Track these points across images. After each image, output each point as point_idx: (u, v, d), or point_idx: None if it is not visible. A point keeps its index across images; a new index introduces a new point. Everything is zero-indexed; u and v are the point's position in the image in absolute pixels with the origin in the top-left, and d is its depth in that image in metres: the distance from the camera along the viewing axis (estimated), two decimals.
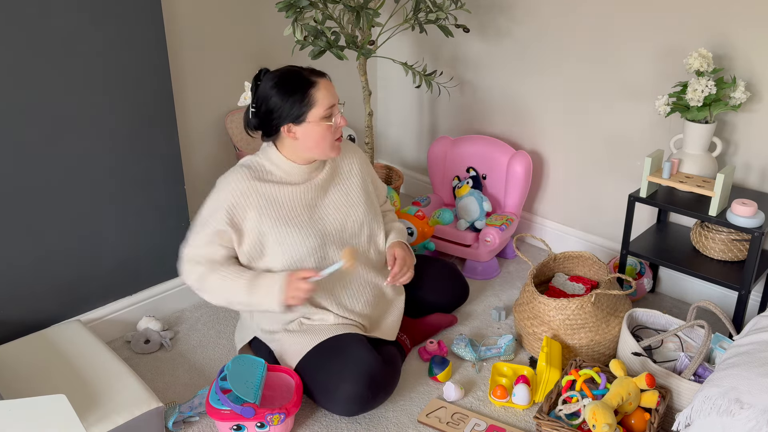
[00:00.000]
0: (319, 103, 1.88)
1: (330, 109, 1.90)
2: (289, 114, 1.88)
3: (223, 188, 1.95)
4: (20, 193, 2.01)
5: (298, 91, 1.87)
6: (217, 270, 1.94)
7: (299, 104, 1.87)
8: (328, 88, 1.90)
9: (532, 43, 2.78)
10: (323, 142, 1.92)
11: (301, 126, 1.89)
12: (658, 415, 1.83)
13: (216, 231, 1.93)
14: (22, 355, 1.97)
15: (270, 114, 1.91)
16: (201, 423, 1.99)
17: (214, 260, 1.95)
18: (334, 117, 1.92)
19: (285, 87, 1.88)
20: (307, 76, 1.89)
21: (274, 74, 1.91)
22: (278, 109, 1.88)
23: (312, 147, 1.93)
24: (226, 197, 1.93)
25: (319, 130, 1.90)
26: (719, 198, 2.12)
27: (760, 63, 2.20)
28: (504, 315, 2.48)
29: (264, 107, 1.91)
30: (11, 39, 1.87)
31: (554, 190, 2.91)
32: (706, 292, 2.55)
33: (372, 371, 1.89)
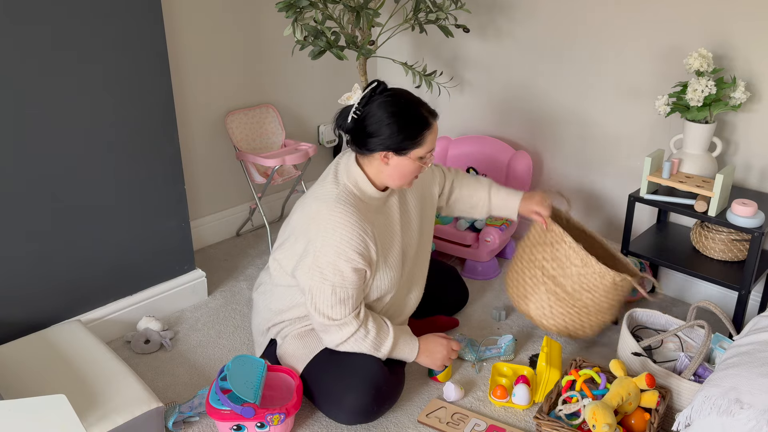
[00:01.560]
0: (425, 145, 1.85)
1: (430, 151, 1.89)
2: (394, 145, 1.84)
3: (342, 234, 1.82)
4: (20, 193, 2.01)
5: (413, 128, 1.83)
6: (367, 325, 1.90)
7: (409, 140, 1.83)
8: (435, 132, 1.88)
9: (532, 43, 2.78)
10: (407, 177, 1.91)
11: (399, 157, 1.86)
12: (658, 415, 1.83)
13: (355, 271, 1.85)
14: (22, 355, 1.97)
15: (374, 134, 1.84)
16: (201, 423, 1.99)
17: (360, 302, 1.92)
18: (428, 158, 1.90)
19: (402, 119, 1.82)
20: (425, 114, 1.85)
21: (393, 99, 1.83)
22: (387, 136, 1.83)
23: (395, 177, 1.90)
24: (351, 240, 1.82)
25: (412, 167, 1.88)
26: (719, 198, 2.12)
27: (760, 63, 2.20)
28: (504, 315, 2.48)
29: (370, 125, 1.83)
30: (11, 39, 1.87)
31: (554, 189, 2.91)
32: (706, 292, 2.55)
33: (378, 383, 1.88)
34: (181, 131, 2.79)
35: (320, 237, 1.83)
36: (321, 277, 1.84)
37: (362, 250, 1.84)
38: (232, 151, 3.00)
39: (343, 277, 1.83)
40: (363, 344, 1.90)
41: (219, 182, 3.01)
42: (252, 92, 2.99)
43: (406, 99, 1.86)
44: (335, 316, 1.86)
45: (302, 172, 3.02)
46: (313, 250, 1.84)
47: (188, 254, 2.51)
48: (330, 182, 1.90)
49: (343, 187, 1.88)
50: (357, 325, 1.88)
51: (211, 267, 2.86)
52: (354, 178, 1.90)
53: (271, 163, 2.71)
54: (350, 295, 1.86)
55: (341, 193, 1.87)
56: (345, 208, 1.83)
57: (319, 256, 1.83)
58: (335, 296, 1.85)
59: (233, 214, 3.12)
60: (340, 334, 1.88)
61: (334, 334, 1.89)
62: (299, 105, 3.20)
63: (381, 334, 1.92)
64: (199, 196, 2.96)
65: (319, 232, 1.83)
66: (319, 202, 1.86)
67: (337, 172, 1.93)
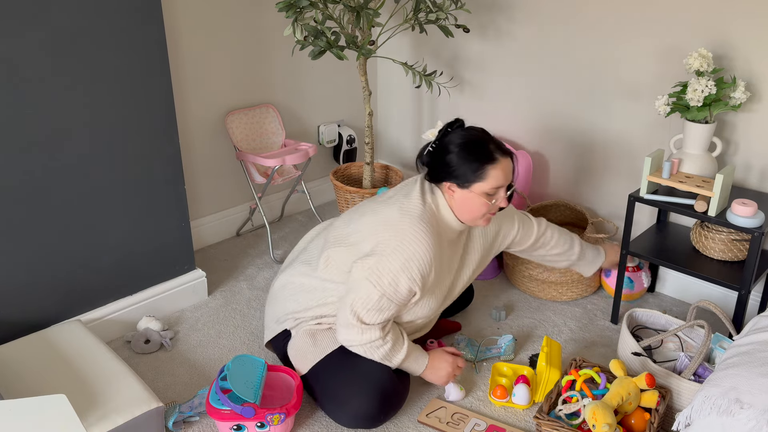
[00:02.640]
0: (488, 180, 1.86)
1: (496, 189, 1.88)
2: (457, 175, 1.87)
3: (415, 251, 1.84)
4: (20, 193, 2.01)
5: (477, 160, 1.85)
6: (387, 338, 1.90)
7: (471, 172, 1.86)
8: (504, 170, 1.88)
9: (532, 43, 2.78)
10: (474, 213, 1.91)
11: (462, 190, 1.89)
12: (658, 415, 1.83)
13: (409, 291, 1.87)
14: (22, 355, 1.97)
15: (440, 165, 1.90)
16: (201, 423, 1.99)
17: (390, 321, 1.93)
18: (495, 196, 1.90)
19: (467, 150, 1.87)
20: (492, 150, 1.87)
21: (465, 133, 1.90)
22: (451, 165, 1.87)
23: (463, 212, 1.92)
24: (421, 260, 1.84)
25: (477, 202, 1.89)
26: (719, 198, 2.12)
27: (760, 63, 2.20)
28: (504, 315, 2.48)
29: (441, 155, 1.90)
30: (11, 39, 1.87)
31: (554, 189, 2.91)
32: (706, 292, 2.55)
33: (386, 390, 1.88)
34: (181, 131, 2.79)
35: (393, 245, 1.83)
36: (376, 280, 1.83)
37: (426, 273, 1.85)
38: (232, 151, 3.00)
39: (396, 291, 1.84)
40: (376, 352, 1.90)
41: (219, 182, 3.02)
42: (252, 92, 2.99)
43: (477, 134, 1.90)
44: (366, 320, 1.86)
45: (302, 172, 3.02)
46: (380, 253, 1.84)
47: (188, 254, 2.51)
48: (417, 198, 1.91)
49: (429, 207, 1.91)
50: (380, 335, 1.87)
51: (211, 267, 2.86)
52: (437, 203, 1.93)
53: (271, 163, 2.71)
54: (391, 308, 1.86)
55: (426, 212, 1.89)
56: (427, 228, 1.86)
57: (385, 261, 1.83)
58: (379, 303, 1.84)
59: (233, 214, 3.12)
60: (360, 337, 1.87)
61: (354, 334, 1.88)
62: (299, 105, 3.20)
63: (396, 347, 1.92)
64: (199, 196, 2.96)
65: (393, 240, 1.84)
66: (403, 212, 1.88)
67: (423, 191, 1.94)
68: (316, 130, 3.33)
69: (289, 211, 3.36)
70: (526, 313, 2.54)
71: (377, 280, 1.83)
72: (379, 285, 1.83)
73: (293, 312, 2.05)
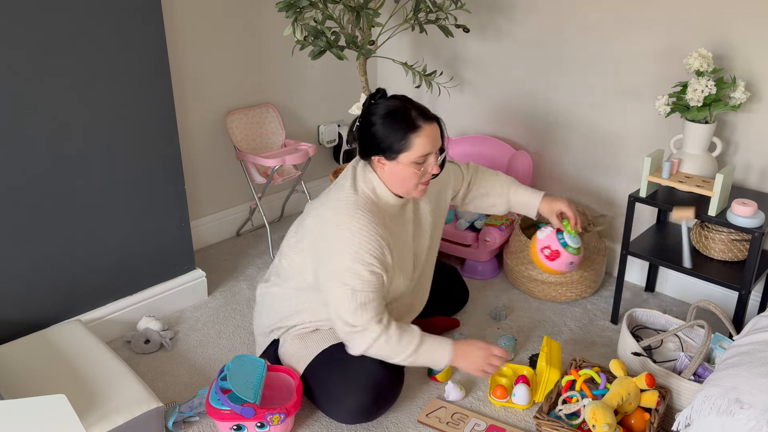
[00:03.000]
0: (413, 149, 1.82)
1: (424, 156, 1.84)
2: (383, 148, 1.84)
3: (361, 239, 1.82)
4: (20, 193, 2.01)
5: (399, 131, 1.82)
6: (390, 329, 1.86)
7: (396, 142, 1.82)
8: (429, 136, 1.83)
9: (532, 43, 2.78)
10: (407, 183, 1.88)
11: (391, 162, 1.86)
12: (658, 415, 1.83)
13: (375, 275, 1.84)
14: (22, 355, 1.97)
15: (365, 139, 1.88)
16: (201, 423, 1.99)
17: (383, 308, 1.89)
18: (425, 164, 1.86)
19: (389, 121, 1.83)
20: (413, 117, 1.82)
21: (386, 103, 1.86)
22: (377, 138, 1.85)
23: (395, 184, 1.89)
24: (369, 245, 1.82)
25: (407, 172, 1.85)
26: (719, 198, 2.12)
27: (760, 63, 2.20)
28: (504, 315, 2.48)
29: (366, 129, 1.87)
30: (11, 39, 1.87)
31: (554, 190, 2.91)
32: (706, 292, 2.55)
33: (378, 384, 1.89)
34: (181, 131, 2.79)
35: (338, 242, 1.82)
36: (341, 282, 1.82)
37: (379, 254, 1.83)
38: (232, 151, 3.00)
39: (362, 280, 1.82)
40: (387, 348, 1.86)
41: (219, 182, 3.01)
42: (252, 92, 2.99)
43: (397, 104, 1.85)
44: (356, 322, 1.84)
45: (302, 172, 3.02)
46: (332, 256, 1.83)
47: (188, 254, 2.51)
48: (348, 188, 1.89)
49: (361, 193, 1.89)
50: (379, 330, 1.84)
51: (211, 267, 2.86)
52: (371, 184, 1.90)
53: (271, 163, 2.71)
54: (370, 298, 1.84)
55: (360, 199, 1.87)
56: (363, 214, 1.83)
57: (338, 261, 1.82)
58: (355, 300, 1.82)
59: (233, 214, 3.12)
60: (363, 340, 1.85)
61: (357, 340, 1.86)
62: (299, 105, 3.20)
63: (405, 338, 1.87)
64: (199, 196, 2.96)
65: (337, 238, 1.83)
66: (339, 208, 1.86)
67: (355, 179, 1.92)
68: (316, 130, 3.33)
69: (289, 211, 3.36)
70: (526, 313, 2.54)
71: (341, 282, 1.82)
72: (345, 285, 1.82)
73: (275, 323, 2.06)
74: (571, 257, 2.15)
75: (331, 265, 1.84)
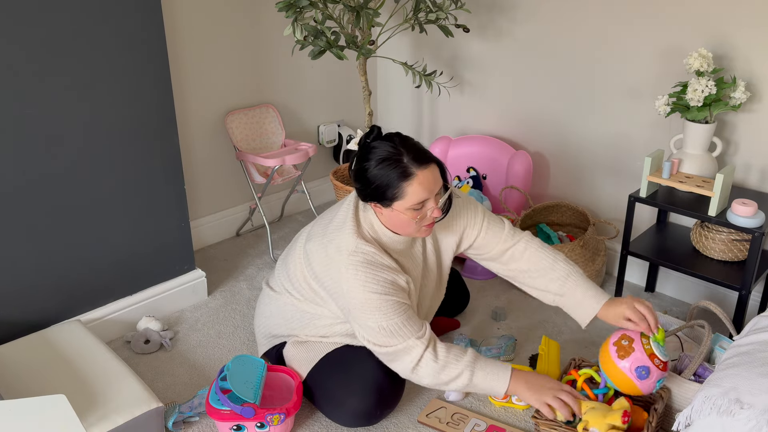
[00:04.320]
0: (407, 197, 1.72)
1: (420, 203, 1.74)
2: (377, 195, 1.75)
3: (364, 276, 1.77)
4: (20, 193, 2.01)
5: (392, 180, 1.71)
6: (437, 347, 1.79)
7: (389, 191, 1.73)
8: (425, 183, 1.72)
9: (532, 43, 2.78)
10: (407, 228, 1.80)
11: (387, 209, 1.78)
12: (657, 414, 1.83)
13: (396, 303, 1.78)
14: (22, 355, 1.97)
15: (363, 184, 1.78)
16: (201, 423, 1.99)
17: (422, 324, 1.82)
18: (423, 210, 1.76)
19: (382, 170, 1.72)
20: (406, 164, 1.71)
21: (380, 147, 1.75)
22: (371, 185, 1.75)
23: (395, 227, 1.82)
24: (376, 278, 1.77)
25: (404, 218, 1.76)
26: (719, 198, 2.12)
27: (760, 63, 2.20)
28: (504, 315, 2.48)
29: (361, 174, 1.78)
30: (11, 39, 1.87)
31: (554, 190, 2.91)
32: (706, 292, 2.55)
33: (380, 387, 1.88)
34: (181, 131, 2.79)
35: (345, 283, 1.78)
36: (363, 320, 1.78)
37: (390, 280, 1.79)
38: (232, 151, 3.00)
39: (382, 311, 1.76)
40: (435, 366, 1.77)
41: (219, 182, 3.01)
42: (252, 92, 2.99)
43: (389, 148, 1.74)
44: (395, 342, 1.78)
45: (302, 172, 3.02)
46: (344, 296, 1.80)
47: (188, 254, 2.51)
48: (348, 232, 1.81)
49: (362, 235, 1.82)
50: (423, 346, 1.77)
51: (211, 267, 2.86)
52: (372, 226, 1.84)
53: (271, 163, 2.71)
54: (400, 323, 1.77)
55: (360, 244, 1.80)
56: (361, 259, 1.78)
57: (351, 302, 1.78)
58: (385, 331, 1.77)
59: (233, 214, 3.12)
60: (409, 359, 1.78)
61: (401, 360, 1.79)
62: (299, 105, 3.20)
63: (455, 351, 1.80)
64: (199, 196, 2.96)
65: (342, 282, 1.79)
66: (340, 252, 1.80)
67: (357, 220, 1.84)
68: (316, 130, 3.33)
69: (289, 211, 3.36)
70: (526, 313, 2.54)
71: (364, 321, 1.77)
72: (367, 322, 1.77)
73: (282, 331, 2.05)
74: (661, 374, 1.79)
75: (345, 303, 1.80)
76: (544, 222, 2.85)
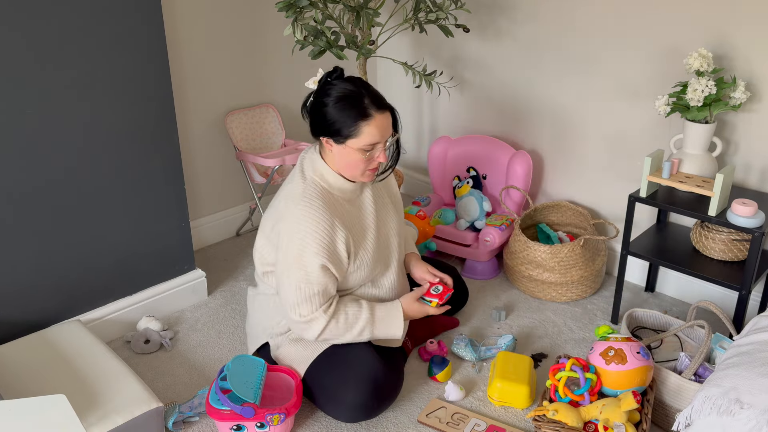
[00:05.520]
0: (362, 136, 1.81)
1: (372, 145, 1.83)
2: (332, 131, 1.83)
3: (305, 228, 1.83)
4: (20, 194, 2.01)
5: (349, 117, 1.80)
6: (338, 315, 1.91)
7: (345, 128, 1.81)
8: (379, 126, 1.82)
9: (532, 43, 2.78)
10: (354, 168, 1.88)
11: (338, 146, 1.85)
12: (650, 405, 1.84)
13: (321, 267, 1.85)
14: (22, 355, 1.97)
15: (316, 119, 1.87)
16: (201, 423, 1.99)
17: (332, 296, 1.92)
18: (372, 152, 1.85)
19: (341, 105, 1.81)
20: (366, 105, 1.80)
21: (341, 86, 1.83)
22: (327, 120, 1.83)
23: (342, 167, 1.89)
24: (316, 233, 1.83)
25: (354, 157, 1.85)
26: (719, 198, 2.12)
27: (760, 63, 2.20)
28: (504, 315, 2.48)
29: (318, 109, 1.86)
30: (11, 39, 1.87)
31: (555, 190, 2.91)
32: (706, 292, 2.55)
33: (377, 380, 1.89)
34: (181, 131, 2.79)
35: (286, 234, 1.85)
36: (287, 275, 1.86)
37: (327, 243, 1.84)
38: (232, 151, 3.00)
39: (307, 273, 1.84)
40: (337, 331, 1.91)
41: (219, 182, 3.01)
42: (252, 92, 2.99)
43: (351, 89, 1.82)
44: (303, 312, 1.87)
45: None
46: (282, 247, 1.86)
47: (188, 254, 2.51)
48: (297, 179, 1.92)
49: (310, 181, 1.90)
50: (326, 319, 1.88)
51: (211, 267, 2.86)
52: (320, 171, 1.91)
53: (271, 163, 2.71)
54: (315, 291, 1.86)
55: (307, 188, 1.88)
56: (310, 203, 1.85)
57: (286, 253, 1.85)
58: (300, 293, 1.85)
59: (233, 214, 3.12)
60: (312, 331, 1.90)
61: (306, 331, 1.91)
62: (299, 105, 3.19)
63: (352, 316, 1.92)
64: (199, 196, 2.96)
65: (286, 230, 1.85)
66: (287, 200, 1.88)
67: (303, 168, 1.94)
68: None
69: None
70: (526, 313, 2.54)
71: (287, 275, 1.85)
72: (290, 277, 1.85)
73: (266, 327, 2.07)
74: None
75: (281, 257, 1.87)
76: (544, 222, 2.85)
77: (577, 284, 2.57)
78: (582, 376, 1.85)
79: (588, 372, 1.86)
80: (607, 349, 1.87)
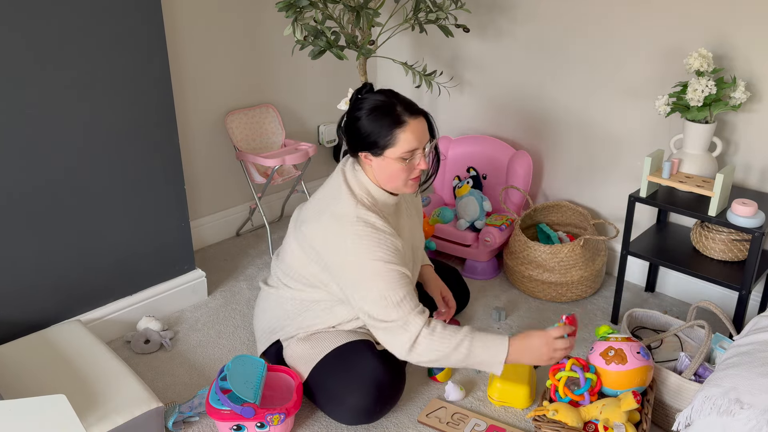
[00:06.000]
0: (399, 144, 1.79)
1: (410, 152, 1.81)
2: (368, 143, 1.81)
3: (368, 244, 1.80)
4: (20, 193, 2.01)
5: (384, 127, 1.79)
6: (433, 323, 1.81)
7: (381, 139, 1.80)
8: (415, 131, 1.80)
9: (532, 43, 2.78)
10: (396, 180, 1.85)
11: (377, 158, 1.83)
12: (650, 405, 1.84)
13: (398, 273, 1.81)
14: (22, 355, 1.97)
15: (354, 134, 1.85)
16: (201, 423, 1.99)
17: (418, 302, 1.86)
18: (412, 160, 1.83)
19: (374, 117, 1.80)
20: (399, 113, 1.79)
21: (372, 98, 1.83)
22: (362, 134, 1.82)
23: (384, 180, 1.87)
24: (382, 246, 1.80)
25: (394, 167, 1.83)
26: (719, 198, 2.12)
27: (760, 63, 2.20)
28: (504, 315, 2.48)
29: (353, 125, 1.85)
30: (11, 39, 1.87)
31: (555, 190, 2.91)
32: (706, 292, 2.55)
33: (381, 385, 1.88)
34: (181, 131, 2.79)
35: (350, 252, 1.80)
36: (366, 290, 1.80)
37: (394, 249, 1.82)
38: (232, 151, 3.00)
39: (387, 282, 1.79)
40: (432, 342, 1.79)
41: (219, 182, 3.02)
42: (252, 92, 2.99)
43: (383, 99, 1.82)
44: (395, 317, 1.80)
45: (302, 172, 3.02)
46: (348, 267, 1.81)
47: (188, 254, 2.51)
48: (345, 196, 1.86)
49: (359, 198, 1.87)
50: (421, 321, 1.79)
51: (211, 267, 2.86)
52: (365, 188, 1.89)
53: (271, 163, 2.71)
54: (402, 295, 1.80)
55: (359, 204, 1.84)
56: (367, 216, 1.83)
57: (357, 270, 1.80)
58: (387, 302, 1.79)
59: (233, 214, 3.12)
60: (407, 335, 1.79)
61: (400, 335, 1.79)
62: (299, 105, 3.20)
63: (451, 329, 1.81)
64: (199, 196, 2.96)
65: (348, 249, 1.80)
66: (341, 222, 1.83)
67: (349, 185, 1.89)
68: (316, 130, 3.33)
69: (289, 211, 3.36)
70: (526, 313, 2.54)
71: (366, 289, 1.80)
72: (371, 290, 1.79)
73: (281, 324, 2.05)
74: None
75: (349, 276, 1.82)
76: (544, 222, 2.85)
77: (577, 284, 2.57)
78: (582, 376, 1.85)
79: (588, 372, 1.86)
80: (607, 349, 1.87)
